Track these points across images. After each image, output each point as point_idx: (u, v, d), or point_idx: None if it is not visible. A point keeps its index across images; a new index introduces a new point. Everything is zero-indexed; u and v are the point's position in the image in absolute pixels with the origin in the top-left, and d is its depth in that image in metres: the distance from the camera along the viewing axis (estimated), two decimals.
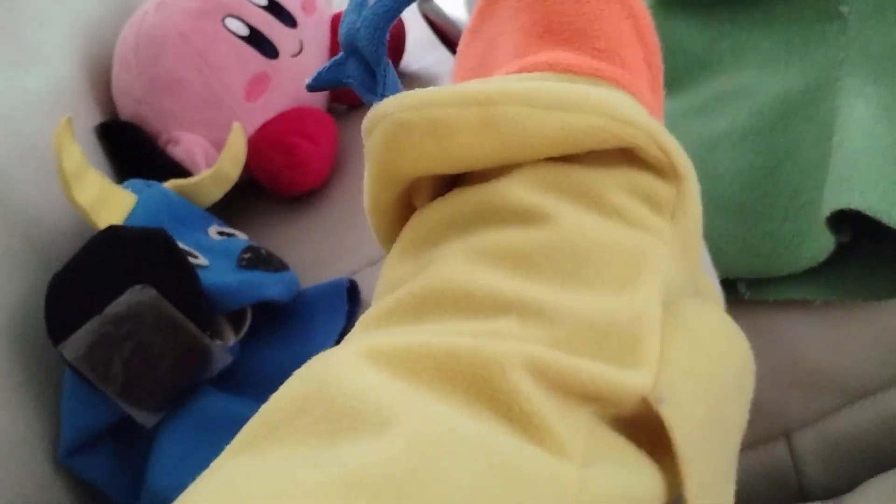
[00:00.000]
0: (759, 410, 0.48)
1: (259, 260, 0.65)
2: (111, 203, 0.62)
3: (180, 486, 0.55)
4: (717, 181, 0.48)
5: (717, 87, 0.53)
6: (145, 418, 0.56)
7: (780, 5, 0.52)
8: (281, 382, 0.62)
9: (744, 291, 0.47)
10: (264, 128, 0.77)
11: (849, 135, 0.41)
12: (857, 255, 0.45)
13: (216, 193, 0.73)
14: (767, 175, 0.47)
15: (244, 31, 0.76)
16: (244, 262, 0.64)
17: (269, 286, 0.62)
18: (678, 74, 0.55)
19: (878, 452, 0.47)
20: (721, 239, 0.46)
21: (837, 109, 0.45)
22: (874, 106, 0.44)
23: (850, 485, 0.45)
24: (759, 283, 0.46)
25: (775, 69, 0.50)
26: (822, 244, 0.42)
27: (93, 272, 0.56)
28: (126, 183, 0.67)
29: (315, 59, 0.81)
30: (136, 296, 0.56)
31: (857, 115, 0.43)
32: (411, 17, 0.81)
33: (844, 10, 0.50)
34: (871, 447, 0.47)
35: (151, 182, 0.68)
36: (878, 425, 0.46)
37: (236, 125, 0.73)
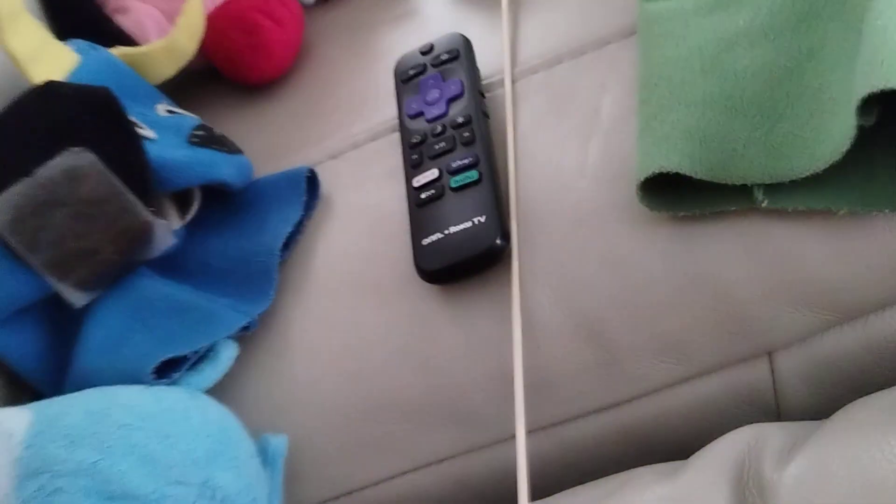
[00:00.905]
0: (744, 327, 0.45)
1: (212, 139, 0.59)
2: (50, 58, 0.56)
3: (112, 369, 0.50)
4: (735, 81, 0.45)
5: None
6: (76, 297, 0.51)
7: None
8: (227, 272, 0.57)
9: (760, 199, 0.44)
10: (225, 4, 0.70)
11: (894, 18, 0.38)
12: (880, 166, 0.42)
13: (169, 68, 0.66)
14: (790, 74, 0.44)
15: None
16: (195, 140, 0.58)
17: (222, 166, 0.56)
18: None
19: (862, 376, 0.45)
20: (739, 141, 0.43)
21: None
22: None
23: (831, 407, 0.42)
24: (777, 190, 0.43)
25: None
26: (844, 134, 0.39)
27: (25, 129, 0.50)
28: (68, 42, 0.60)
29: None
30: (73, 159, 0.50)
31: None
32: None
33: None
34: (857, 370, 0.45)
35: (97, 46, 0.62)
36: (866, 348, 0.44)
37: None
